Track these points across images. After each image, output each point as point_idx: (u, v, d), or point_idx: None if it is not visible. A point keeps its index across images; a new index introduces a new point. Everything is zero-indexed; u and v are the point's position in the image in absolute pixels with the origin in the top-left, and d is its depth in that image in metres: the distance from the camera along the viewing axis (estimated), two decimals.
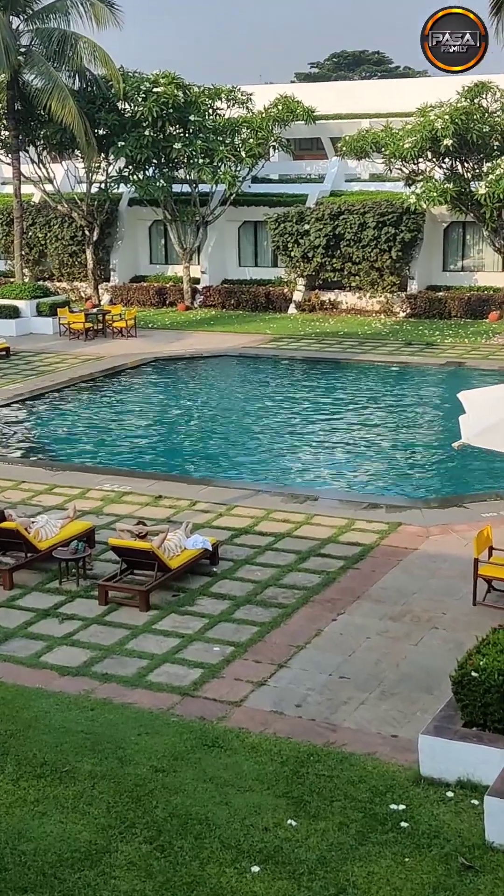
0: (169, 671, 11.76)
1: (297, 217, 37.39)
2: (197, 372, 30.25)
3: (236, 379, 29.23)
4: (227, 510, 17.02)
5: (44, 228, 41.75)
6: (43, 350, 32.44)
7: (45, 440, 23.05)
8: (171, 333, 34.91)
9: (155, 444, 22.44)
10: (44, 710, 10.87)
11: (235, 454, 21.55)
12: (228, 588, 13.96)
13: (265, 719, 10.73)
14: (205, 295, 39.91)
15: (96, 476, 19.15)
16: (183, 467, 20.67)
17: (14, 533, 14.33)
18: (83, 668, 11.83)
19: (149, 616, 13.19)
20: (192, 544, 14.41)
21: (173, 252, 41.25)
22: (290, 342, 32.97)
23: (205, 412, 25.26)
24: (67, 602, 13.67)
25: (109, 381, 28.54)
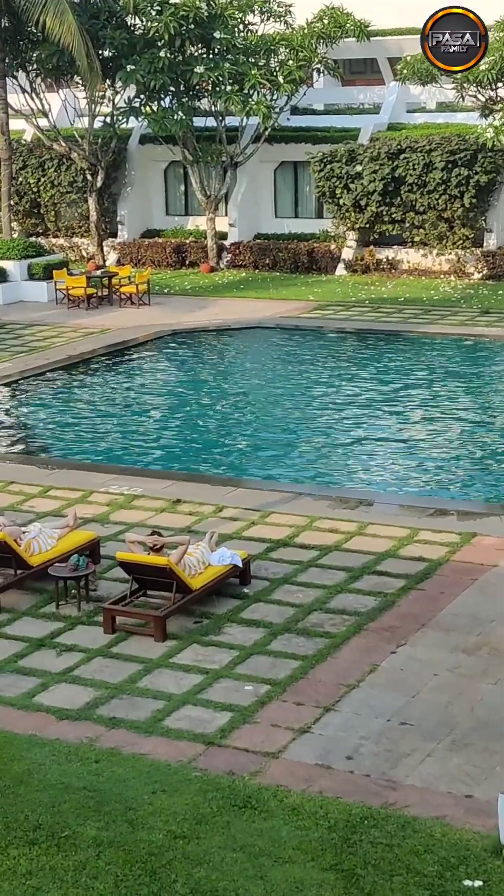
0: (190, 715, 11.77)
1: (348, 156, 37.33)
2: (223, 348, 30.26)
3: (272, 356, 29.22)
4: (261, 517, 17.01)
5: (37, 172, 41.95)
6: (35, 321, 32.59)
7: (37, 432, 23.16)
8: (191, 301, 34.95)
9: (172, 437, 22.49)
10: (38, 761, 10.91)
11: (271, 449, 21.54)
12: (263, 613, 13.95)
13: (309, 775, 10.71)
14: (233, 253, 39.93)
15: (101, 475, 19.21)
16: (206, 465, 20.69)
17: (2, 546, 14.40)
18: (85, 711, 11.87)
19: (165, 647, 13.21)
20: (217, 559, 14.41)
21: (194, 201, 41.30)
22: (339, 311, 32.91)
23: (233, 398, 25.28)
24: (66, 630, 13.71)
25: (116, 360, 28.63)
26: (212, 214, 39.27)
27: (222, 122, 38.95)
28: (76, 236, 42.60)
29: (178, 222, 42.55)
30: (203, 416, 23.88)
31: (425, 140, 36.63)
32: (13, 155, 39.66)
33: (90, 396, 25.51)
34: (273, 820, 10.00)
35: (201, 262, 39.97)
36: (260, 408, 24.28)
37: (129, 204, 42.15)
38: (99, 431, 22.91)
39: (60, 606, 14.25)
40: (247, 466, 20.65)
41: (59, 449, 21.88)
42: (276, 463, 20.70)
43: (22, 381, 26.40)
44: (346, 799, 10.30)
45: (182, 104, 37.80)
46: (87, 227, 41.61)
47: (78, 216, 41.76)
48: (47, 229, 43.09)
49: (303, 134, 39.84)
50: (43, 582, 14.76)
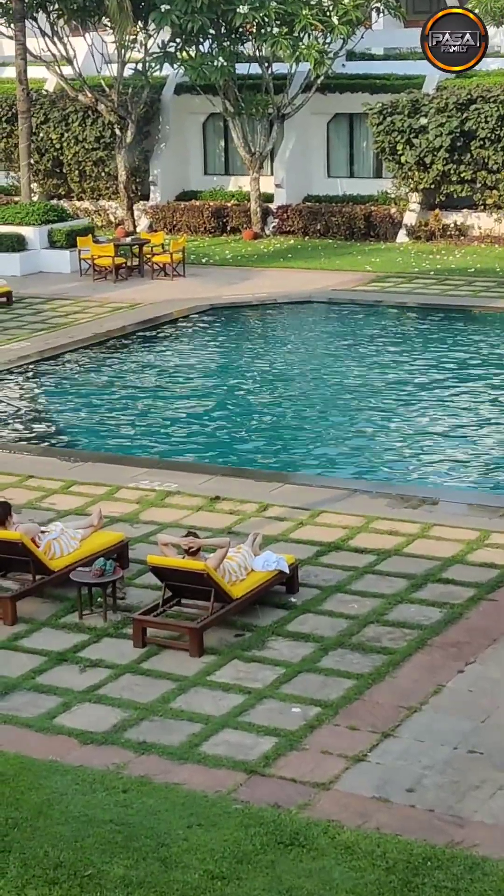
0: (230, 740, 11.78)
1: (410, 108, 37.17)
2: (268, 325, 30.24)
3: (323, 335, 29.18)
4: (311, 517, 17.00)
5: (59, 127, 42.07)
6: (57, 295, 32.70)
7: (59, 419, 23.25)
8: (232, 271, 34.94)
9: (210, 426, 22.51)
10: (58, 791, 10.96)
11: (322, 439, 21.52)
12: (312, 625, 13.94)
13: (364, 809, 10.70)
14: (280, 218, 39.89)
15: (130, 469, 19.25)
16: (249, 457, 20.70)
17: (18, 547, 14.46)
18: (112, 735, 11.91)
19: (202, 663, 13.23)
20: (262, 565, 14.41)
21: (236, 158, 41.29)
22: (400, 283, 32.81)
23: (279, 382, 25.27)
24: (91, 642, 13.76)
25: (148, 339, 28.67)
26: (256, 174, 39.25)
27: (268, 69, 38.89)
28: (103, 199, 42.71)
29: (218, 183, 42.55)
30: (245, 403, 23.88)
31: (500, 89, 36.39)
32: (33, 107, 39.81)
33: (118, 380, 25.57)
34: (324, 859, 9.99)
35: (244, 228, 39.96)
36: (309, 393, 24.25)
37: (163, 162, 42.20)
38: (128, 420, 22.96)
39: (84, 616, 14.29)
40: (295, 459, 20.63)
41: (82, 439, 21.95)
42: (328, 455, 20.67)
43: (41, 363, 26.50)
44: (406, 836, 10.27)
45: (223, 49, 37.78)
46: (115, 188, 41.70)
47: (105, 175, 41.87)
48: (70, 191, 43.24)
49: (360, 82, 39.72)
50: (64, 588, 14.81)
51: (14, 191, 42.92)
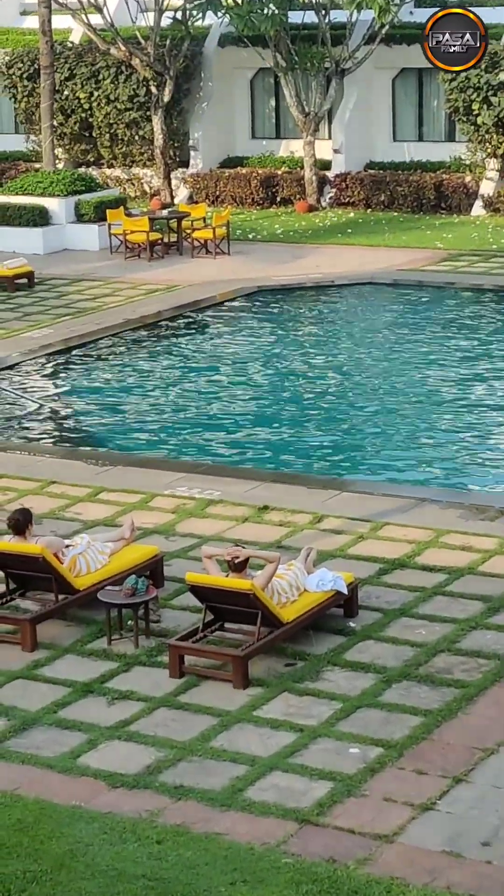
0: (279, 784, 11.76)
1: (488, 62, 37.04)
2: (324, 310, 30.21)
3: (387, 321, 29.13)
4: (372, 530, 16.97)
5: (87, 84, 42.21)
6: (84, 276, 32.80)
7: (86, 417, 23.31)
8: (284, 249, 34.93)
9: (258, 425, 22.51)
10: (84, 841, 10.98)
11: (385, 441, 21.48)
12: (374, 654, 13.91)
13: (433, 864, 10.66)
14: (338, 187, 39.87)
15: (166, 474, 19.28)
16: (302, 461, 20.69)
17: (39, 562, 14.49)
18: (145, 777, 11.91)
19: (248, 696, 13.22)
20: (316, 584, 14.38)
21: (289, 120, 41.30)
22: (475, 262, 32.71)
23: (336, 375, 25.24)
24: (121, 672, 13.78)
25: (187, 325, 28.71)
26: (311, 138, 39.24)
27: (326, 17, 38.88)
28: (137, 166, 42.81)
29: (268, 148, 42.57)
30: (298, 399, 23.87)
31: None
32: (57, 62, 39.95)
33: (152, 372, 25.62)
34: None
35: (297, 200, 39.97)
36: (371, 388, 24.22)
37: (205, 124, 42.27)
38: (163, 418, 23.00)
39: (113, 642, 14.31)
40: (354, 464, 20.60)
41: (112, 440, 22.01)
42: (393, 459, 20.64)
43: (66, 353, 26.59)
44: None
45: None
46: (151, 154, 41.78)
47: (139, 140, 41.98)
48: (100, 158, 43.37)
49: None
50: (91, 610, 14.83)
51: (36, 157, 43.04)
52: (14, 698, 13.31)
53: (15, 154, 44.96)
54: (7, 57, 44.04)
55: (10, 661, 14.03)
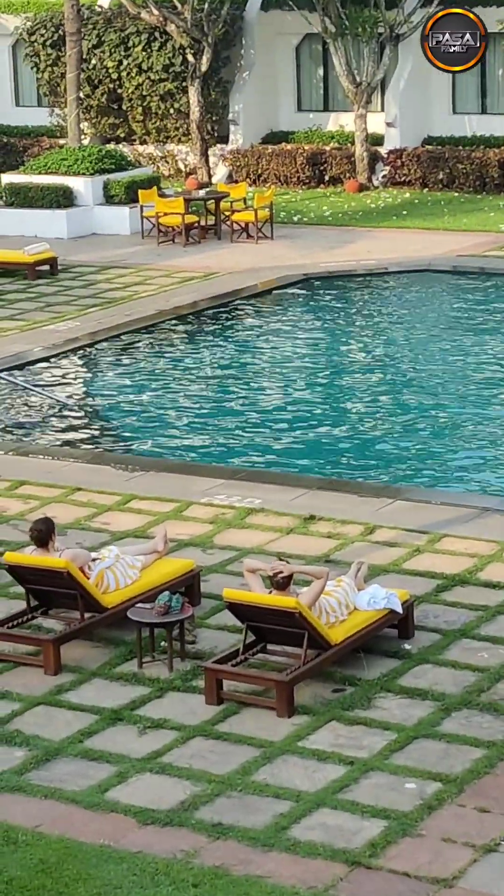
0: (328, 822, 11.75)
1: None
2: (377, 300, 30.19)
3: (445, 312, 29.07)
4: (430, 542, 16.95)
5: (117, 52, 42.28)
6: (113, 262, 32.87)
7: (114, 418, 23.35)
8: (332, 233, 34.92)
9: (304, 426, 22.51)
10: (112, 883, 11.00)
11: (446, 444, 21.44)
12: (431, 679, 13.89)
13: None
14: (392, 165, 39.83)
15: (202, 480, 19.30)
16: (351, 466, 20.68)
17: (63, 577, 14.53)
18: (180, 814, 11.92)
19: (292, 725, 13.21)
20: (367, 602, 14.37)
21: (338, 91, 41.29)
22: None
23: (390, 371, 25.22)
24: (153, 697, 13.79)
25: (225, 318, 28.72)
26: (362, 110, 39.24)
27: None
28: (171, 142, 42.87)
29: (315, 122, 42.59)
30: (347, 398, 23.86)
31: None
32: (84, 28, 40.05)
33: (188, 369, 25.65)
34: None
35: (347, 179, 39.96)
36: (428, 386, 24.18)
37: (246, 96, 42.30)
38: (200, 418, 23.03)
39: (145, 665, 14.33)
40: (410, 469, 20.58)
41: (143, 443, 22.04)
42: (453, 464, 20.62)
43: (93, 347, 26.65)
44: None
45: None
46: (187, 128, 41.83)
47: (174, 113, 42.03)
48: (131, 133, 43.44)
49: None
50: (121, 630, 14.87)
51: (60, 132, 43.17)
52: (36, 727, 13.35)
53: (38, 129, 45.09)
54: (29, 23, 44.15)
55: (32, 686, 14.08)
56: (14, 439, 21.83)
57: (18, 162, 41.95)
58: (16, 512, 18.29)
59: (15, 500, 18.75)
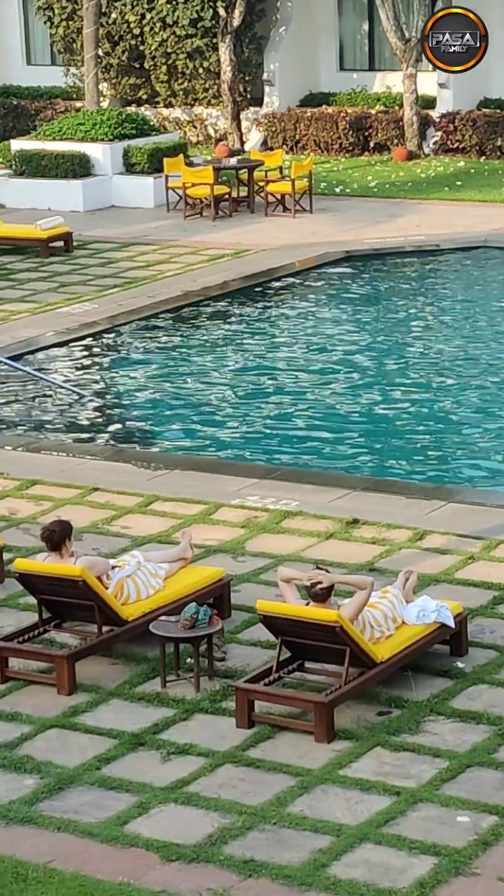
0: (371, 859, 11.77)
1: None
2: (428, 280, 30.20)
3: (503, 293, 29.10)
4: (485, 549, 16.95)
5: (140, 4, 42.31)
6: (135, 238, 32.94)
7: (135, 411, 23.41)
8: (378, 206, 34.94)
9: (345, 421, 22.53)
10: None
11: (501, 442, 21.43)
12: (487, 701, 13.90)
13: None
14: (445, 130, 39.83)
15: (232, 480, 19.34)
16: (399, 465, 20.70)
17: (78, 586, 14.57)
18: (207, 849, 11.94)
19: (333, 752, 13.23)
20: (416, 615, 14.39)
21: (385, 47, 41.32)
22: None
23: (442, 360, 25.22)
24: (178, 720, 13.82)
25: (259, 299, 28.75)
26: (412, 69, 39.26)
27: None
28: (200, 105, 42.92)
29: (359, 82, 42.62)
30: (396, 391, 23.87)
31: None
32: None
33: (217, 357, 25.69)
34: None
35: (394, 145, 39.96)
36: (484, 378, 24.18)
37: (282, 54, 42.33)
38: (229, 412, 23.07)
39: (169, 684, 14.37)
40: (463, 469, 20.59)
41: (167, 438, 22.10)
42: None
43: (113, 332, 26.72)
44: None
45: None
46: (217, 90, 41.88)
47: (203, 73, 42.08)
48: (155, 94, 43.50)
49: None
50: (142, 645, 14.92)
51: (76, 94, 43.28)
52: (48, 752, 13.39)
53: (52, 91, 45.23)
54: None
55: (44, 707, 14.13)
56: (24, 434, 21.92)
57: (30, 127, 42.10)
58: (27, 514, 18.36)
59: (26, 502, 18.83)
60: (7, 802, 12.65)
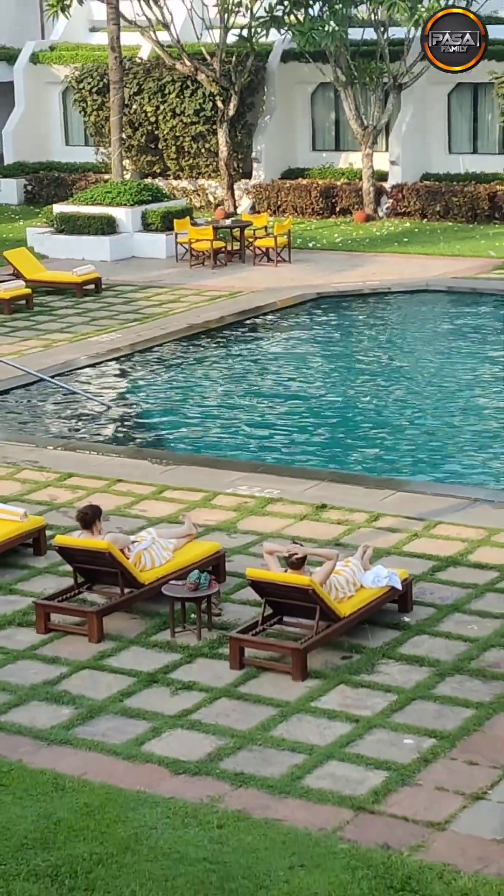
0: (336, 772, 11.76)
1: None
2: (381, 317, 30.15)
3: (442, 328, 29.03)
4: (426, 529, 16.93)
5: (155, 98, 42.29)
6: (151, 283, 32.88)
7: (150, 419, 23.37)
8: (342, 257, 34.88)
9: (317, 427, 22.50)
10: (148, 825, 11.01)
11: (441, 443, 21.41)
12: (428, 648, 13.88)
13: (484, 852, 10.62)
14: (395, 198, 39.78)
15: (227, 473, 19.31)
16: (359, 462, 20.66)
17: (105, 557, 14.57)
18: (206, 764, 11.94)
19: (305, 688, 13.22)
20: (372, 580, 14.37)
21: (348, 132, 41.24)
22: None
23: (393, 379, 25.18)
24: (184, 663, 13.82)
25: (248, 331, 28.71)
26: (369, 150, 39.17)
27: (384, 34, 38.79)
28: (202, 178, 42.88)
29: (328, 159, 42.55)
30: (356, 402, 23.83)
31: None
32: (126, 77, 40.09)
33: (216, 376, 25.66)
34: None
35: (355, 210, 39.91)
36: (428, 393, 24.14)
37: (268, 137, 42.27)
38: (226, 419, 23.03)
39: (177, 634, 14.35)
40: (410, 466, 20.55)
41: (176, 441, 22.06)
42: (448, 461, 20.58)
43: (133, 357, 26.67)
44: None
45: (334, 12, 37.77)
46: (216, 166, 41.84)
47: (204, 152, 42.01)
48: (166, 169, 43.46)
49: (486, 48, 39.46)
50: (155, 603, 14.89)
51: (105, 168, 43.21)
52: (81, 688, 13.39)
53: (85, 166, 45.18)
54: (77, 72, 44.23)
55: (78, 652, 14.12)
56: (61, 435, 21.88)
57: (68, 194, 41.97)
58: (65, 500, 18.33)
59: (64, 490, 18.79)
60: (48, 728, 12.65)
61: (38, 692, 13.32)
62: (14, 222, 40.99)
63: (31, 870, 10.47)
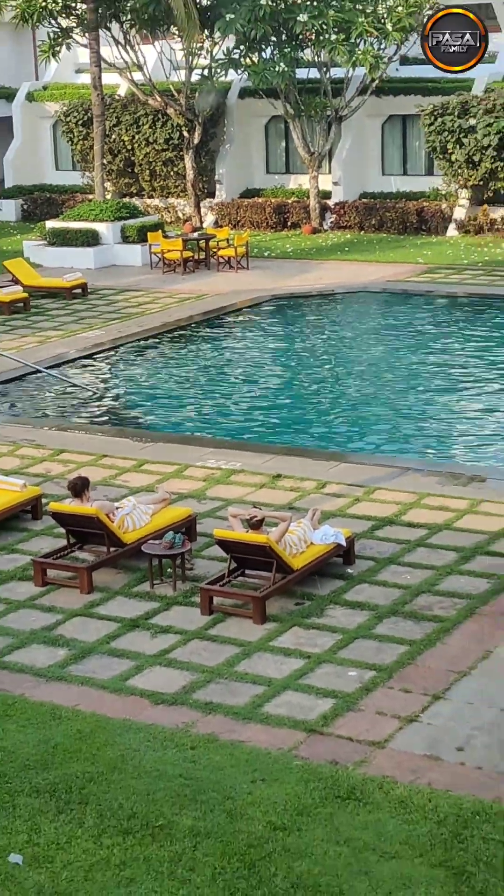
0: (291, 701, 11.80)
1: (460, 109, 36.81)
2: (326, 314, 30.15)
3: (378, 323, 29.05)
4: (366, 494, 16.97)
5: (131, 129, 42.06)
6: (129, 287, 32.76)
7: (131, 403, 23.31)
8: (293, 264, 34.84)
9: (272, 409, 22.49)
10: (132, 747, 11.03)
11: (377, 421, 21.44)
12: (368, 595, 13.93)
13: (416, 766, 10.69)
14: (337, 213, 39.72)
15: (197, 449, 19.29)
16: (308, 438, 20.67)
17: (93, 520, 14.54)
18: (181, 696, 11.96)
19: (265, 630, 13.25)
20: (320, 538, 14.40)
21: (297, 158, 41.13)
22: (450, 274, 32.58)
23: (336, 367, 25.20)
24: (161, 610, 13.83)
25: (213, 327, 28.66)
26: (315, 172, 39.08)
27: (327, 73, 38.69)
28: (172, 196, 42.72)
29: (279, 181, 42.43)
30: (305, 387, 23.83)
31: None
32: (106, 111, 39.86)
33: (186, 366, 25.60)
34: (378, 813, 10.00)
35: (303, 224, 39.82)
36: (365, 378, 24.16)
37: (228, 162, 42.12)
38: (195, 403, 23.00)
39: (155, 586, 14.36)
40: (351, 440, 20.58)
41: (153, 421, 22.01)
42: (383, 437, 20.60)
43: (114, 350, 26.57)
44: (456, 792, 10.27)
45: (284, 55, 37.58)
46: (184, 186, 41.68)
47: (174, 175, 41.84)
48: (142, 189, 43.26)
49: (412, 85, 39.41)
50: (137, 560, 14.89)
51: (89, 189, 42.98)
52: (74, 632, 13.41)
53: (73, 188, 44.89)
54: (65, 107, 43.93)
55: (71, 602, 14.13)
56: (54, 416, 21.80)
57: (59, 212, 41.70)
58: (57, 473, 18.27)
59: (57, 464, 18.73)
60: (46, 667, 12.65)
61: (37, 636, 13.30)
62: (13, 236, 40.70)
63: (33, 787, 10.49)
